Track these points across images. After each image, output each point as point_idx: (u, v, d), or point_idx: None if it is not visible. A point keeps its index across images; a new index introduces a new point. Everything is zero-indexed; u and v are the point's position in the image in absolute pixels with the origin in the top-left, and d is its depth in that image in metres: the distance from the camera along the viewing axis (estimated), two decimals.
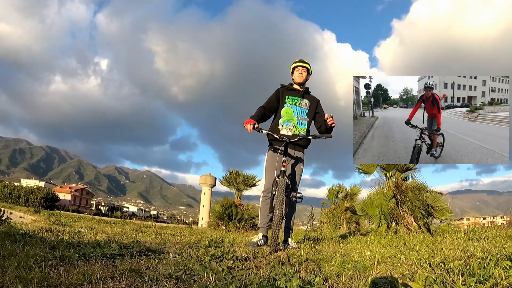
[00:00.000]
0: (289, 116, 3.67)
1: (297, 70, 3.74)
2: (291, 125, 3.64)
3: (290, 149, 3.59)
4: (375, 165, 6.40)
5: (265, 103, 3.73)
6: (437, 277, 1.69)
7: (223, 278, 1.77)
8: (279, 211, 3.04)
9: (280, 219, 3.05)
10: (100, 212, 68.26)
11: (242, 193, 11.33)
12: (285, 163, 3.32)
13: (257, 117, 3.55)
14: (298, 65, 3.74)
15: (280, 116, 3.69)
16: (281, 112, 3.70)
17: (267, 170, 3.66)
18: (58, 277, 1.62)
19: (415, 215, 5.66)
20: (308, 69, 3.75)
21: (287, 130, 3.63)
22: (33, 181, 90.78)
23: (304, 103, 3.72)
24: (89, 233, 4.47)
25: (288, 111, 3.67)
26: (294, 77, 3.77)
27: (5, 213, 4.44)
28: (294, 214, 3.72)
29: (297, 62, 3.76)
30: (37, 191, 29.52)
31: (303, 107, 3.71)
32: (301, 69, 3.72)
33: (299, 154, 3.69)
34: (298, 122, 3.66)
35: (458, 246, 3.13)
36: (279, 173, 3.27)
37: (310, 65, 3.79)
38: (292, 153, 3.62)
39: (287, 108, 3.68)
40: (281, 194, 3.09)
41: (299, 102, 3.71)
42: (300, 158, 3.68)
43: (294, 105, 3.69)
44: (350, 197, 10.86)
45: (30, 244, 2.52)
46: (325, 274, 1.94)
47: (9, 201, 26.14)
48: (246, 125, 3.38)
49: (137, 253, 2.49)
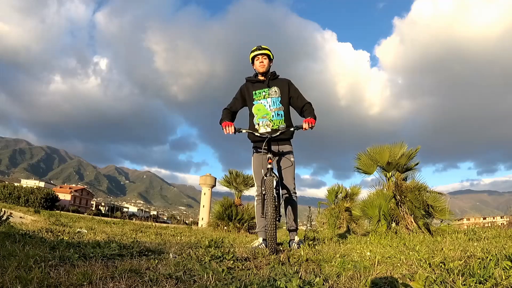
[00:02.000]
0: (262, 112, 3.45)
1: (257, 59, 3.46)
2: (267, 120, 3.43)
3: (274, 145, 3.40)
4: (374, 165, 6.41)
5: (229, 104, 3.55)
6: (437, 277, 1.69)
7: (223, 279, 1.77)
8: (271, 210, 2.86)
9: (273, 218, 2.86)
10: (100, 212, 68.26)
11: (242, 193, 11.32)
12: (270, 159, 3.16)
13: (229, 118, 3.39)
14: (257, 53, 3.44)
15: (253, 115, 3.49)
16: (253, 110, 3.50)
17: (256, 174, 3.50)
18: (58, 277, 1.62)
19: (415, 215, 5.66)
20: (269, 54, 3.47)
21: (264, 127, 3.42)
22: (33, 181, 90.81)
23: (273, 91, 3.47)
24: (89, 233, 4.47)
25: (259, 108, 3.47)
26: (256, 67, 3.50)
27: (5, 213, 4.44)
28: (293, 212, 3.53)
29: (255, 50, 3.46)
30: (37, 191, 29.49)
31: (274, 96, 3.46)
32: (261, 57, 3.45)
33: (285, 148, 3.48)
34: (274, 114, 3.42)
35: (458, 246, 3.13)
36: (266, 171, 3.12)
37: (270, 50, 3.48)
38: (275, 150, 3.44)
39: (256, 105, 3.48)
40: (270, 192, 2.91)
41: (268, 93, 3.47)
42: (288, 151, 3.48)
43: (263, 98, 3.47)
44: (350, 197, 10.84)
45: (30, 244, 2.52)
46: (325, 275, 1.94)
47: (9, 201, 26.12)
48: (225, 127, 3.22)
49: (137, 253, 2.48)
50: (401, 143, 6.26)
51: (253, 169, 3.55)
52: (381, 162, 6.26)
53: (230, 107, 3.54)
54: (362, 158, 6.53)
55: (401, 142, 6.28)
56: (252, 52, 3.49)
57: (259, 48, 3.46)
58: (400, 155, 6.11)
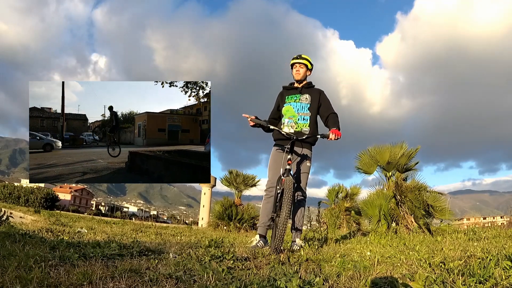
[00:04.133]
0: (290, 114, 3.60)
1: (294, 67, 3.67)
2: (293, 121, 3.56)
3: (297, 147, 3.49)
4: (375, 165, 6.41)
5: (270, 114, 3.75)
6: (437, 277, 1.69)
7: (223, 278, 1.77)
8: (287, 212, 2.89)
9: (286, 220, 2.90)
10: (100, 212, 68.23)
11: (242, 193, 11.32)
12: (290, 161, 3.21)
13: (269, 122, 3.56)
14: (295, 62, 3.65)
15: (282, 115, 3.66)
16: (282, 111, 3.67)
17: (271, 168, 3.58)
18: (58, 277, 1.62)
19: (415, 215, 5.66)
20: (307, 64, 3.65)
21: (288, 127, 3.55)
22: None
23: (304, 98, 3.62)
24: (89, 233, 4.47)
25: (288, 109, 3.62)
26: (293, 75, 3.70)
27: (5, 213, 4.44)
28: (302, 214, 3.59)
29: (294, 58, 3.66)
30: (37, 191, 29.47)
31: (304, 102, 3.61)
32: (298, 65, 3.63)
33: (306, 152, 3.56)
34: (300, 118, 3.57)
35: (458, 246, 3.13)
36: (284, 172, 3.16)
37: (309, 59, 3.67)
38: (299, 151, 3.52)
39: (287, 106, 3.63)
40: (289, 193, 2.94)
41: (299, 98, 3.62)
42: (307, 155, 3.56)
43: (293, 102, 3.62)
44: (350, 197, 10.84)
45: (30, 244, 2.52)
46: (325, 274, 1.94)
47: (9, 201, 26.09)
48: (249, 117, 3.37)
49: (137, 253, 2.48)
50: (401, 143, 6.27)
51: (270, 163, 3.64)
52: (381, 162, 6.26)
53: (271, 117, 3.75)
54: (363, 158, 6.53)
55: (401, 142, 6.28)
56: (292, 59, 3.68)
57: (298, 57, 3.64)
58: (400, 155, 6.11)
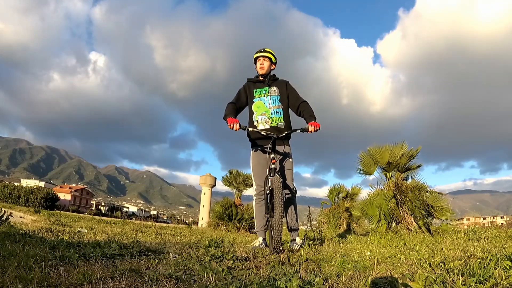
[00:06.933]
0: (261, 109, 3.49)
1: (258, 61, 3.56)
2: (266, 117, 3.46)
3: (279, 145, 3.41)
4: (375, 165, 6.41)
5: (234, 98, 3.54)
6: (437, 277, 1.69)
7: (223, 278, 1.77)
8: (280, 210, 2.85)
9: (281, 220, 2.87)
10: (100, 212, 68.28)
11: (242, 193, 11.33)
12: (274, 159, 3.15)
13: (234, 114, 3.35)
14: (259, 55, 3.53)
15: (253, 112, 3.52)
16: (252, 108, 3.53)
17: (255, 172, 3.47)
18: (58, 277, 1.62)
19: (415, 215, 5.66)
20: (271, 58, 3.54)
21: (263, 124, 3.44)
22: (33, 181, 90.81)
23: (273, 90, 3.54)
24: (89, 233, 4.47)
25: (259, 105, 3.51)
26: (256, 69, 3.59)
27: (5, 213, 4.44)
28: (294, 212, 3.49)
29: (258, 52, 3.55)
30: (37, 191, 29.52)
31: (274, 94, 3.53)
32: (262, 59, 3.53)
33: (287, 149, 3.47)
34: (273, 112, 3.47)
35: (458, 246, 3.13)
36: (270, 171, 3.10)
37: (273, 53, 3.56)
38: (280, 149, 3.43)
39: (257, 102, 3.52)
40: (279, 192, 2.89)
41: (268, 91, 3.53)
42: (288, 152, 3.48)
43: (263, 96, 3.53)
44: (350, 197, 10.85)
45: (30, 244, 2.52)
46: (325, 274, 1.94)
47: (9, 201, 26.13)
48: (231, 124, 3.18)
49: (137, 253, 2.48)
50: (401, 143, 6.27)
51: (252, 168, 3.51)
52: (382, 162, 6.26)
53: (236, 101, 3.52)
54: (364, 158, 6.54)
55: (401, 143, 6.28)
56: (255, 53, 3.59)
57: (261, 51, 3.54)
58: (401, 155, 6.11)
